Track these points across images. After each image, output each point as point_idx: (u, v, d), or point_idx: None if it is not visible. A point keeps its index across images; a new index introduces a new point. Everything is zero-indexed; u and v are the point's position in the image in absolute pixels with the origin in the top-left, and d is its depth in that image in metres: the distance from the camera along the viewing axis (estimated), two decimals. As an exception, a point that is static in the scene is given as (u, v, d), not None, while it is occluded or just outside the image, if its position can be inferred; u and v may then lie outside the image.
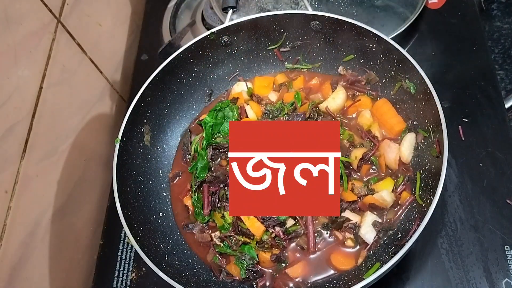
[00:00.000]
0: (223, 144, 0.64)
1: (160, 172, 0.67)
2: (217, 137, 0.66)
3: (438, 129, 0.55)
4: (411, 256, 0.62)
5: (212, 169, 0.63)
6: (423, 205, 0.55)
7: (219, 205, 0.61)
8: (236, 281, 0.59)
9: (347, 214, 0.59)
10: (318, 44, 0.69)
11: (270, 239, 0.58)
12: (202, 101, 0.73)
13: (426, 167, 0.58)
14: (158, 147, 0.68)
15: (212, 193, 0.61)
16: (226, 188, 0.61)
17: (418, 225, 0.49)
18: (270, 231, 0.57)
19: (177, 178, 0.67)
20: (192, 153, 0.67)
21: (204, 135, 0.65)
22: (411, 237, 0.49)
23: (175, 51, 0.66)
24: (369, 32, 0.62)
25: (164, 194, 0.66)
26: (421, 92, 0.59)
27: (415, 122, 0.62)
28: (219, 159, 0.65)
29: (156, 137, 0.68)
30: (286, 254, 0.59)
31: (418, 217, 0.55)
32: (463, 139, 0.68)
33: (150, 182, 0.65)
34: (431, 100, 0.56)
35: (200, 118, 0.68)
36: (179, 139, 0.71)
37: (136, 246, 0.54)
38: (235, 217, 0.60)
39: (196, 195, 0.63)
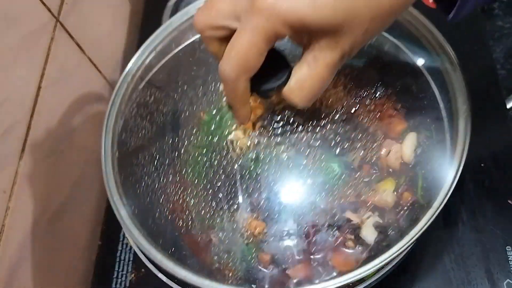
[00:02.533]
0: (223, 144, 0.64)
1: (160, 172, 0.67)
2: (217, 137, 0.66)
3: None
4: (412, 257, 0.61)
5: (212, 169, 0.63)
6: (425, 205, 0.55)
7: (219, 205, 0.61)
8: (236, 281, 0.59)
9: (348, 214, 0.58)
10: (319, 44, 0.69)
11: (270, 240, 0.58)
12: (202, 101, 0.73)
13: (428, 167, 0.58)
14: (157, 147, 0.68)
15: (212, 193, 0.61)
16: (226, 188, 0.60)
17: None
18: (270, 231, 0.57)
19: (177, 178, 0.67)
20: (192, 153, 0.66)
21: (204, 135, 0.65)
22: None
23: (174, 51, 0.66)
24: (370, 31, 0.62)
25: (164, 194, 0.66)
26: (423, 92, 0.59)
27: (417, 122, 0.61)
28: (219, 159, 0.64)
29: (156, 137, 0.67)
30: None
31: (419, 217, 0.54)
32: (464, 139, 0.68)
33: (150, 182, 0.64)
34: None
35: (200, 118, 0.67)
36: (179, 139, 0.70)
37: (135, 247, 0.53)
38: (235, 216, 0.59)
39: (196, 195, 0.62)
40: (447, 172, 0.52)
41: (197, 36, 0.67)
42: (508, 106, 0.72)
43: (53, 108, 0.65)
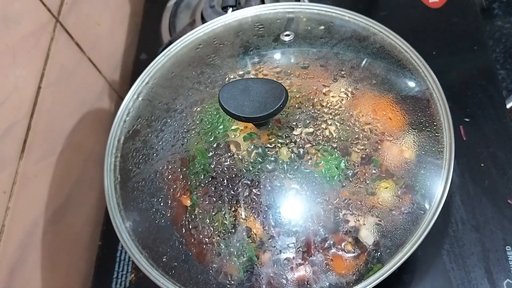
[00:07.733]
0: (223, 144, 0.64)
1: (160, 172, 0.67)
2: (217, 137, 0.65)
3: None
4: (412, 258, 0.61)
5: (212, 169, 0.63)
6: (425, 206, 0.55)
7: (218, 206, 0.60)
8: (235, 282, 0.59)
9: (347, 216, 0.58)
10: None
11: (270, 240, 0.57)
12: (201, 101, 0.73)
13: (428, 167, 0.58)
14: (157, 147, 0.67)
15: (212, 193, 0.61)
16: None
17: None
18: (270, 232, 0.57)
19: (177, 178, 0.67)
20: (192, 153, 0.66)
21: (204, 135, 0.65)
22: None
23: (174, 51, 0.66)
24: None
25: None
26: (422, 92, 0.59)
27: (417, 122, 0.61)
28: (219, 159, 0.64)
29: (156, 137, 0.67)
30: (286, 255, 0.59)
31: (419, 218, 0.54)
32: (464, 139, 0.68)
33: (150, 182, 0.64)
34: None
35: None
36: (179, 139, 0.70)
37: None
38: (235, 217, 0.59)
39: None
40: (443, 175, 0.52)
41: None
42: (508, 106, 0.72)
43: (53, 108, 0.65)
